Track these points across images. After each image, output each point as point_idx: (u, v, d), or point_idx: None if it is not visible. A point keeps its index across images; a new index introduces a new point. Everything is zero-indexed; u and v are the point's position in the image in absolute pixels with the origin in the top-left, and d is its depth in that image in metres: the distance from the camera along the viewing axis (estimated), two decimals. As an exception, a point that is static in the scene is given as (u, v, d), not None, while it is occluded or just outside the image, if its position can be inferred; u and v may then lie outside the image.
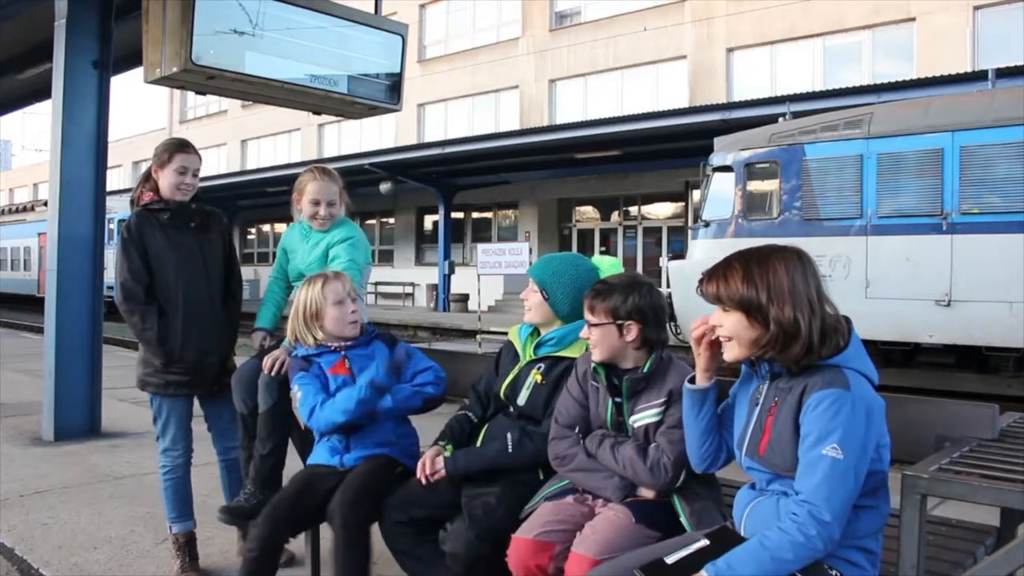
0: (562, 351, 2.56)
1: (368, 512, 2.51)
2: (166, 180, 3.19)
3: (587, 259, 2.69)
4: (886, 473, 1.88)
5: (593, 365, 2.35)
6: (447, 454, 2.52)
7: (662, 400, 2.26)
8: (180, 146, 3.23)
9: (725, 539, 1.89)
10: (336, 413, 2.69)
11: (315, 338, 2.80)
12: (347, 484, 2.57)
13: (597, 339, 2.29)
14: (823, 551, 1.72)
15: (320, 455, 2.82)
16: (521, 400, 2.56)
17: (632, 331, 2.27)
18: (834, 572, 1.80)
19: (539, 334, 2.64)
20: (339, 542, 2.49)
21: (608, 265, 2.64)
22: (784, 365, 1.86)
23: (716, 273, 1.94)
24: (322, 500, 2.61)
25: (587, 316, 2.32)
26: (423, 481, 2.51)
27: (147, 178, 3.27)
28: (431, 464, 2.51)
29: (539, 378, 2.55)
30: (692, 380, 2.08)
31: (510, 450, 2.47)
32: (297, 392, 2.76)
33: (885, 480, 1.89)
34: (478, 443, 2.63)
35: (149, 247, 3.16)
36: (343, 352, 2.81)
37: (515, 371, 2.62)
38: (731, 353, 1.92)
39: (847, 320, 1.91)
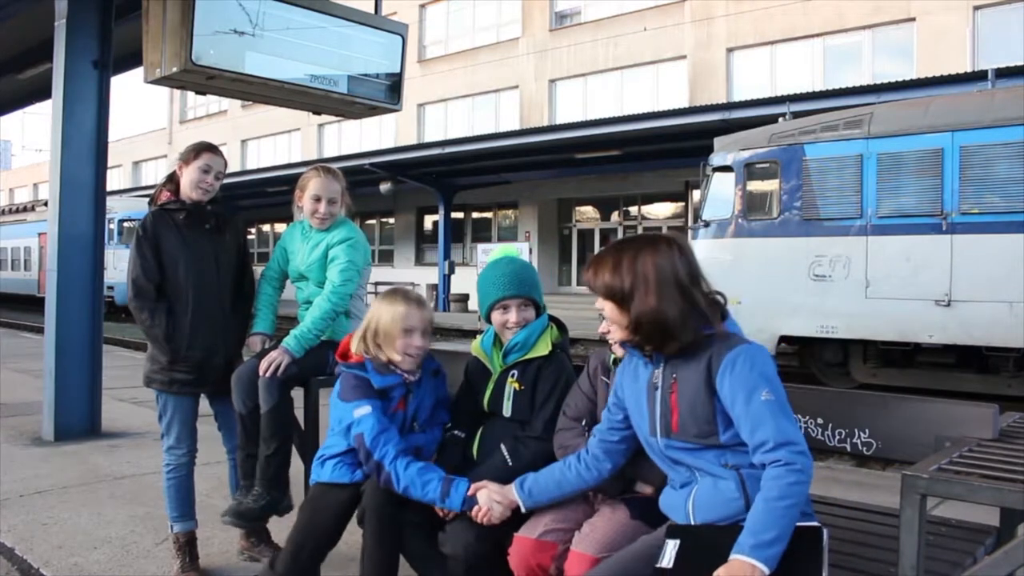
0: (529, 353, 2.59)
1: (398, 508, 2.46)
2: (188, 177, 3.21)
3: (509, 255, 2.72)
4: None
5: (612, 358, 2.37)
6: None
7: None
8: (208, 147, 3.28)
9: (684, 530, 1.95)
10: (399, 475, 2.42)
11: (388, 358, 2.60)
12: (375, 482, 2.50)
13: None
14: (810, 480, 1.83)
15: (331, 473, 2.64)
16: (507, 411, 2.59)
17: None
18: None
19: (501, 344, 2.65)
20: (370, 538, 2.44)
21: (513, 250, 2.80)
22: (660, 352, 1.98)
23: (592, 263, 2.06)
24: (337, 518, 2.57)
25: (599, 304, 2.23)
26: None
27: (169, 179, 3.30)
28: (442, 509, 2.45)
29: (517, 385, 2.58)
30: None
31: (510, 463, 2.49)
32: (366, 409, 2.53)
33: None
34: (474, 451, 2.64)
35: (163, 245, 3.17)
36: (409, 387, 2.65)
37: (491, 384, 2.64)
38: (615, 336, 2.05)
39: (722, 296, 2.04)
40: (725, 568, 1.74)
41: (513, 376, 2.59)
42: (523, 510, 2.28)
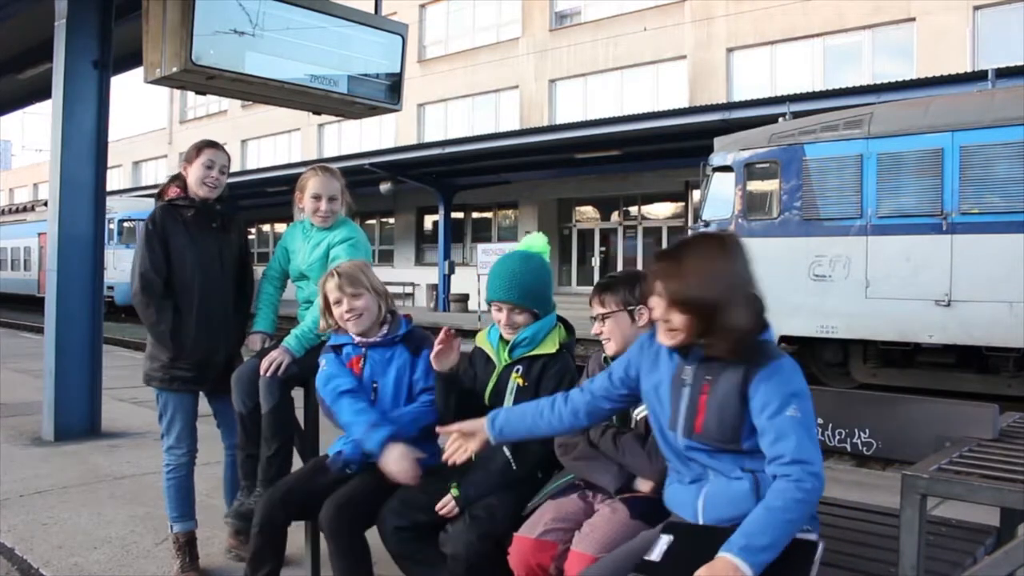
0: (536, 350, 2.59)
1: (355, 519, 2.51)
2: (194, 174, 3.24)
3: (527, 252, 2.69)
4: None
5: (604, 357, 2.36)
6: (455, 493, 2.47)
7: None
8: (209, 143, 3.32)
9: (679, 527, 1.95)
10: (340, 412, 2.72)
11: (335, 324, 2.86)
12: (337, 493, 2.58)
13: (610, 330, 2.31)
14: (817, 502, 1.83)
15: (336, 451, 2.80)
16: (507, 406, 2.57)
17: (644, 316, 2.29)
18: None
19: (506, 339, 2.65)
20: (331, 550, 2.53)
21: (540, 243, 2.74)
22: (719, 353, 1.92)
23: (662, 267, 1.98)
24: (318, 491, 2.63)
25: (596, 309, 2.33)
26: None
27: (176, 176, 3.33)
28: (445, 508, 2.46)
29: (520, 381, 2.58)
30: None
31: (514, 466, 2.49)
32: (323, 362, 2.83)
33: None
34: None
35: (171, 241, 3.19)
36: (363, 349, 2.81)
37: (494, 378, 2.64)
38: (672, 341, 1.96)
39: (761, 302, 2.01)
40: (708, 566, 1.73)
41: (518, 372, 2.59)
42: (492, 443, 2.24)
